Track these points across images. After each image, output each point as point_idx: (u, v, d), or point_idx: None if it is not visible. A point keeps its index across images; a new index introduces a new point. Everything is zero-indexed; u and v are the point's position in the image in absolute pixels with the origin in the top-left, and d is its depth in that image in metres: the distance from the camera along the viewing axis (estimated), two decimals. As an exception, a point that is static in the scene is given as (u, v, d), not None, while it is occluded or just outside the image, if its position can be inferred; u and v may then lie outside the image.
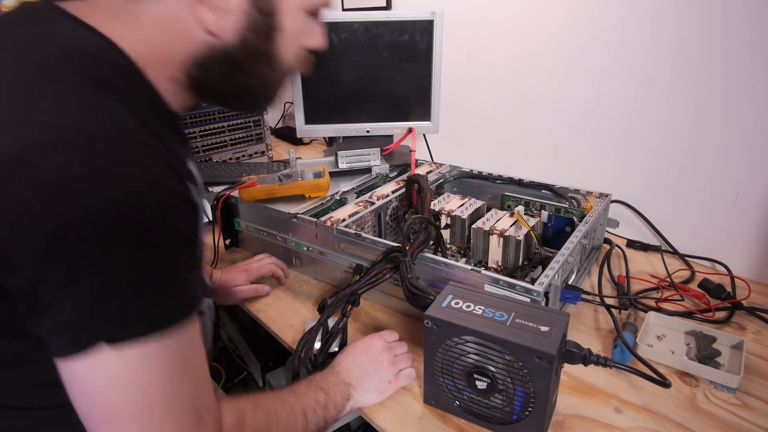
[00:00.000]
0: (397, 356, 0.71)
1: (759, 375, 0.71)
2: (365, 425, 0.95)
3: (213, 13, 0.47)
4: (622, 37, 1.04)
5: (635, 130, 1.07)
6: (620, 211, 1.11)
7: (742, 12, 0.87)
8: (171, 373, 0.43)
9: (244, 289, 0.91)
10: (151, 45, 0.47)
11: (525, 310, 0.61)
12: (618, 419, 0.64)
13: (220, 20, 0.47)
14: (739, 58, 0.90)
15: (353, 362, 0.68)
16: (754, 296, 0.87)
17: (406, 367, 0.71)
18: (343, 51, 1.16)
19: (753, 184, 0.93)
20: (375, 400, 0.68)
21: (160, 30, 0.47)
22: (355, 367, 0.68)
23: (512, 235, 0.87)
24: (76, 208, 0.37)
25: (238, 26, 0.48)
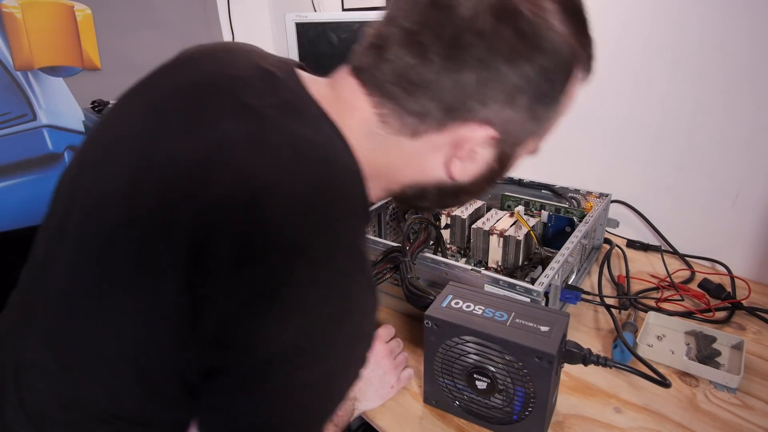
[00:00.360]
0: (396, 359, 0.71)
1: (759, 375, 0.71)
2: (365, 425, 0.95)
3: (462, 163, 0.49)
4: (621, 37, 1.04)
5: (635, 130, 1.07)
6: (620, 211, 1.11)
7: (740, 12, 0.87)
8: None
9: None
10: (385, 164, 0.49)
11: (525, 310, 0.61)
12: (618, 419, 0.64)
13: (465, 168, 0.49)
14: (738, 58, 0.90)
15: None
16: (754, 296, 0.87)
17: (405, 367, 0.71)
18: (343, 51, 1.16)
19: (753, 184, 0.93)
20: (377, 404, 0.67)
21: (403, 159, 0.49)
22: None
23: (512, 235, 0.87)
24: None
25: (476, 174, 0.50)
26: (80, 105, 1.38)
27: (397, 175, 0.50)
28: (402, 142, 0.47)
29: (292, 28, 1.16)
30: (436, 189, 0.52)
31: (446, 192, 0.52)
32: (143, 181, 0.43)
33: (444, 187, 0.51)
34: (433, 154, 0.48)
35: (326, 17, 1.14)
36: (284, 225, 0.39)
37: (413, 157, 0.48)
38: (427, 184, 0.51)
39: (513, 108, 0.46)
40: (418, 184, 0.51)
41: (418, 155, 0.48)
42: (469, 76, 0.43)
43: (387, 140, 0.47)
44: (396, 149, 0.48)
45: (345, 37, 1.14)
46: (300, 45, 1.15)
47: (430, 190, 0.52)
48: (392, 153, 0.48)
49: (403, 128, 0.46)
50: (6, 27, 1.23)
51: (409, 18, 0.44)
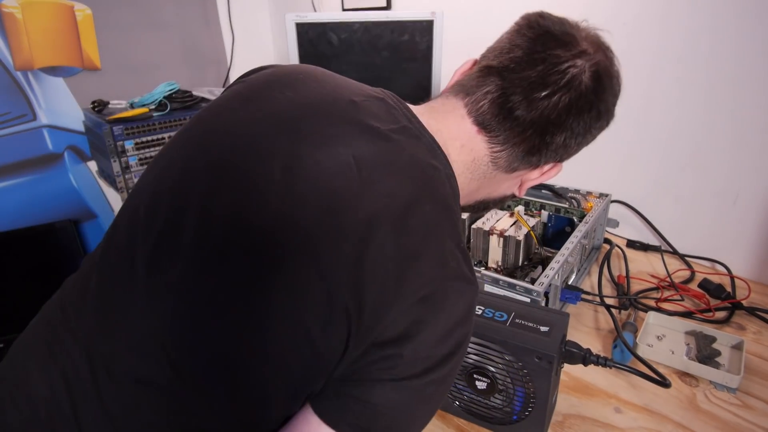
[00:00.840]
0: None
1: (759, 375, 0.71)
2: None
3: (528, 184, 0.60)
4: (621, 37, 1.03)
5: (635, 129, 1.07)
6: (620, 211, 1.11)
7: (743, 13, 0.87)
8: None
9: None
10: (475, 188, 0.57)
11: (525, 310, 0.61)
12: (618, 419, 0.64)
13: (526, 187, 0.60)
14: (739, 59, 0.90)
15: None
16: (754, 296, 0.87)
17: None
18: (343, 51, 1.16)
19: (753, 185, 0.93)
20: None
21: (491, 186, 0.58)
22: None
23: (512, 235, 0.87)
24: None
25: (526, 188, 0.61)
26: (80, 105, 1.38)
27: (477, 196, 0.59)
28: (499, 176, 0.56)
29: (292, 28, 1.16)
30: (497, 201, 0.62)
31: (501, 202, 0.63)
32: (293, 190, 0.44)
33: (504, 199, 0.62)
34: (515, 180, 0.58)
35: (326, 17, 1.14)
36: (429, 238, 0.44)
37: (500, 184, 0.58)
38: (493, 199, 0.61)
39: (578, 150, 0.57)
40: (487, 200, 0.61)
41: (503, 181, 0.57)
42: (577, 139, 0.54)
43: (488, 174, 0.55)
44: (491, 179, 0.56)
45: (345, 37, 1.14)
46: (300, 45, 1.15)
47: (491, 203, 0.62)
48: (486, 182, 0.56)
49: (508, 166, 0.55)
50: (6, 27, 1.23)
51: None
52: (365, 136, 0.47)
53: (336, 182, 0.44)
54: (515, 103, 0.51)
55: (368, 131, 0.48)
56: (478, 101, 0.53)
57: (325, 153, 0.45)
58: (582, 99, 0.51)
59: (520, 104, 0.51)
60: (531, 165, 0.55)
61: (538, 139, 0.52)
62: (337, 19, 1.14)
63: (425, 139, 0.51)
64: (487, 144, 0.54)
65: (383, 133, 0.48)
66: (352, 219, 0.42)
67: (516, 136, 0.52)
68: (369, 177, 0.45)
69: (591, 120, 0.53)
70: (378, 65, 1.17)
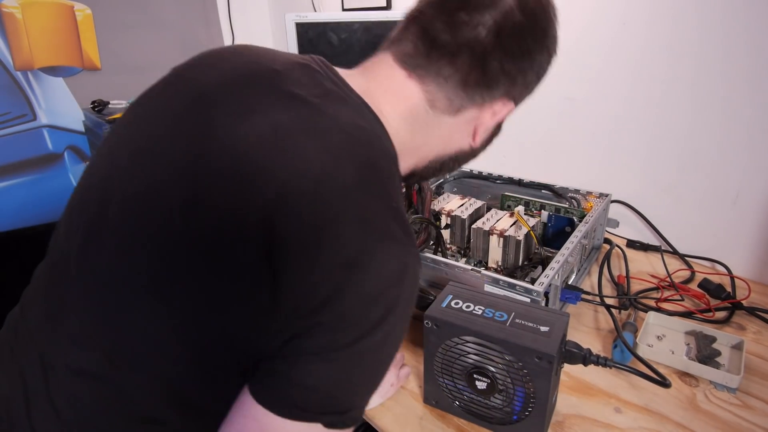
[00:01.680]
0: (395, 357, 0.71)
1: (759, 375, 0.71)
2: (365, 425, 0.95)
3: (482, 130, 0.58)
4: (621, 37, 1.04)
5: (635, 129, 1.07)
6: (620, 211, 1.11)
7: (741, 11, 0.87)
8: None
9: None
10: (422, 143, 0.55)
11: (525, 310, 0.61)
12: (618, 419, 0.64)
13: (482, 136, 0.58)
14: (738, 58, 0.90)
15: None
16: (754, 296, 0.87)
17: (403, 365, 0.71)
18: (343, 51, 1.16)
19: (753, 184, 0.93)
20: (377, 403, 0.68)
21: (439, 136, 0.56)
22: None
23: (512, 235, 0.87)
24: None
25: (485, 139, 0.60)
26: (80, 105, 1.38)
27: (427, 152, 0.57)
28: (443, 120, 0.53)
29: (292, 28, 1.16)
30: (454, 158, 0.60)
31: (459, 159, 0.60)
32: (204, 166, 0.43)
33: (460, 155, 0.60)
34: (465, 128, 0.56)
35: (326, 17, 1.14)
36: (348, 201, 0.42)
37: (448, 133, 0.55)
38: (449, 155, 0.58)
39: (526, 85, 0.55)
40: (442, 157, 0.58)
41: (453, 130, 0.55)
42: (518, 65, 0.52)
43: (429, 121, 0.53)
44: (435, 128, 0.54)
45: (345, 37, 1.14)
46: (300, 45, 1.15)
47: (448, 161, 0.59)
48: (431, 131, 0.54)
49: (450, 107, 0.52)
50: (6, 27, 1.23)
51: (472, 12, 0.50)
52: (284, 104, 0.46)
53: (251, 152, 0.43)
54: (438, 30, 0.49)
55: (288, 98, 0.47)
56: (402, 44, 0.52)
57: (242, 124, 0.45)
58: (510, 16, 0.49)
59: (442, 30, 0.49)
60: (476, 103, 0.53)
61: (472, 67, 0.50)
62: (337, 19, 1.14)
63: (351, 100, 0.49)
64: (420, 86, 0.51)
65: (304, 98, 0.47)
66: (266, 188, 0.41)
67: (446, 65, 0.50)
68: (285, 144, 0.43)
69: (528, 42, 0.51)
70: (378, 65, 1.17)
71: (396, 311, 0.43)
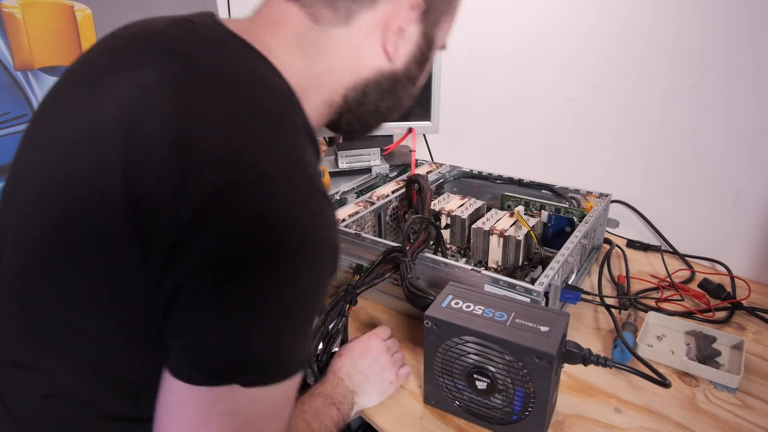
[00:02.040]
0: (394, 355, 0.71)
1: (759, 375, 0.71)
2: (365, 425, 0.95)
3: (395, 42, 0.51)
4: (622, 37, 1.04)
5: (635, 129, 1.07)
6: (620, 211, 1.11)
7: (742, 12, 0.87)
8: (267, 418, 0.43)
9: None
10: (324, 69, 0.50)
11: (525, 310, 0.61)
12: (618, 419, 0.64)
13: (398, 48, 0.52)
14: (739, 58, 0.90)
15: (354, 367, 0.68)
16: (754, 296, 0.87)
17: (403, 364, 0.71)
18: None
19: (753, 184, 0.93)
20: (376, 401, 0.67)
21: (339, 55, 0.50)
22: (356, 372, 0.67)
23: (512, 235, 0.87)
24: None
25: (408, 54, 0.54)
26: (80, 105, 1.38)
27: (337, 79, 0.51)
28: (336, 35, 0.49)
29: (292, 28, 1.16)
30: (376, 85, 0.53)
31: (385, 86, 0.54)
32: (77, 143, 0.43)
33: (382, 80, 0.53)
34: (369, 39, 0.50)
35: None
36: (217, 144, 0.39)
37: (350, 50, 0.50)
38: (367, 80, 0.52)
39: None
40: (359, 84, 0.52)
41: (354, 45, 0.50)
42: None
43: (320, 39, 0.49)
44: (332, 48, 0.49)
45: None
46: (300, 45, 1.15)
47: (371, 89, 0.53)
48: (328, 53, 0.49)
49: (336, 16, 0.48)
50: (6, 27, 1.23)
51: None
52: (156, 60, 0.45)
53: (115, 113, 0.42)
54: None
55: (161, 54, 0.45)
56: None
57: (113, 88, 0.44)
58: None
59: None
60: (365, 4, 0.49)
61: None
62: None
63: (228, 42, 0.46)
64: (296, 3, 0.48)
65: (175, 51, 0.45)
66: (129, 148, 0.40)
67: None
68: (150, 99, 0.41)
69: None
70: (378, 65, 1.17)
71: (288, 258, 0.39)
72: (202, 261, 0.37)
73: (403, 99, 0.58)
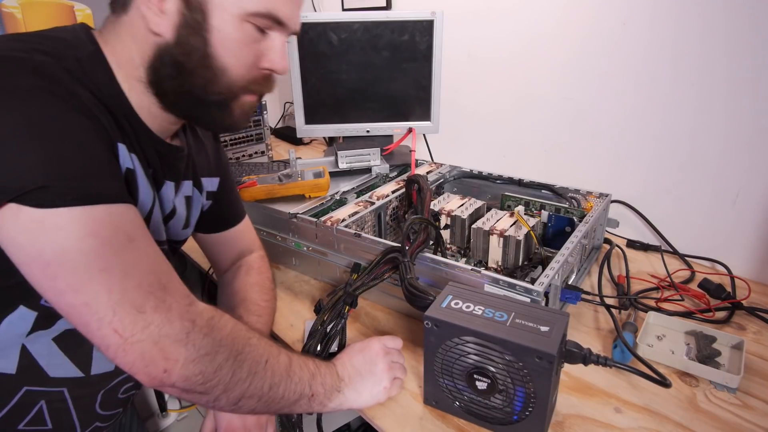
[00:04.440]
0: (394, 362, 0.70)
1: (759, 375, 0.71)
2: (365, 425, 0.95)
3: (155, 15, 0.55)
4: (622, 37, 1.04)
5: (635, 129, 1.07)
6: (620, 211, 1.11)
7: (742, 12, 0.87)
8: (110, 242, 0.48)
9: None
10: (121, 48, 0.58)
11: (525, 310, 0.61)
12: (618, 419, 0.64)
13: (161, 23, 0.55)
14: (739, 58, 0.90)
15: (348, 360, 0.68)
16: (754, 296, 0.87)
17: (400, 376, 0.70)
18: (343, 51, 1.16)
19: (753, 184, 0.93)
20: (366, 403, 0.66)
21: (129, 38, 0.57)
22: (350, 365, 0.67)
23: (512, 235, 0.87)
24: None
25: (174, 25, 0.56)
26: (80, 105, 1.38)
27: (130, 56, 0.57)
28: (123, 21, 0.57)
29: (292, 28, 1.16)
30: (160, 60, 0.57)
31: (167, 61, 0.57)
32: None
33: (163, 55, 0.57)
34: (140, 21, 0.56)
35: (326, 17, 1.14)
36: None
37: (134, 31, 0.57)
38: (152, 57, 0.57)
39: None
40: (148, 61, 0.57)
41: (136, 27, 0.57)
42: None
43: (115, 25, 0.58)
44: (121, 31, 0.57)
45: (345, 37, 1.14)
46: (300, 45, 1.15)
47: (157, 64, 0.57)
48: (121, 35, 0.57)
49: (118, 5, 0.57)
50: (6, 27, 1.23)
51: None
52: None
53: None
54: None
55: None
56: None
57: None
58: None
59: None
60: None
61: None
62: (337, 19, 1.14)
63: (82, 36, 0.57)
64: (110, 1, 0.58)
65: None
66: None
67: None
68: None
69: None
70: (378, 65, 1.17)
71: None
72: None
73: (202, 75, 0.58)
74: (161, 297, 0.49)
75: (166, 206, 0.68)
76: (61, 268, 0.46)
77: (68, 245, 0.46)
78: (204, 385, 0.51)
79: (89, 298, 0.46)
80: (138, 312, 0.47)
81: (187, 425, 1.50)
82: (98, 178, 0.49)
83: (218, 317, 0.55)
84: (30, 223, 0.45)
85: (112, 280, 0.47)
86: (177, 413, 1.49)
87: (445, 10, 1.13)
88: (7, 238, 0.46)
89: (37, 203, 0.45)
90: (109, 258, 0.47)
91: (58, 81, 0.50)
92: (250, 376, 0.55)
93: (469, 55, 1.35)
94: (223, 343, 0.53)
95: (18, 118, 0.45)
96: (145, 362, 0.48)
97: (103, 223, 0.48)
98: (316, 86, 1.19)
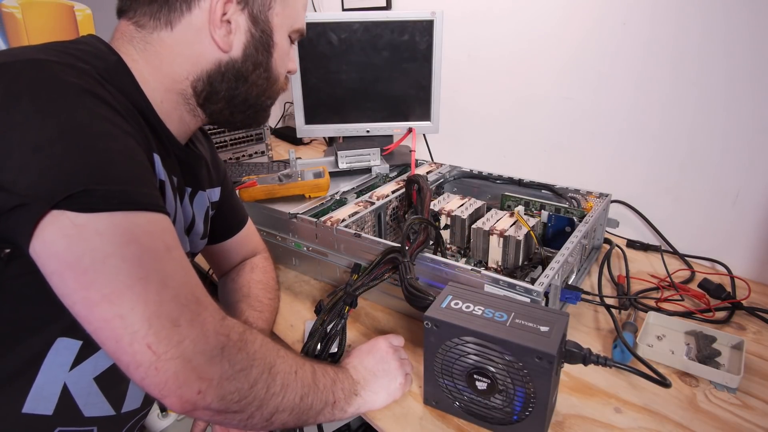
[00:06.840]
0: (403, 359, 0.70)
1: (759, 375, 0.71)
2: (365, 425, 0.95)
3: (224, 33, 0.59)
4: (622, 37, 1.04)
5: (635, 129, 1.07)
6: (620, 211, 1.11)
7: (742, 11, 0.87)
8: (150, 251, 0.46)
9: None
10: (156, 63, 0.59)
11: (525, 310, 0.61)
12: (618, 419, 0.64)
13: (230, 39, 0.60)
14: (739, 58, 0.90)
15: (360, 363, 0.68)
16: (754, 296, 0.87)
17: (410, 372, 0.71)
18: (343, 51, 1.16)
19: (753, 184, 0.93)
20: (384, 402, 0.67)
21: (171, 53, 0.59)
22: (362, 367, 0.67)
23: (512, 235, 0.87)
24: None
25: (244, 44, 0.61)
26: (80, 105, 1.37)
27: (174, 71, 0.59)
28: (162, 36, 0.58)
29: (291, 28, 1.16)
30: (219, 75, 0.61)
31: (229, 76, 0.61)
32: None
33: (224, 70, 0.61)
34: (198, 36, 0.58)
35: (326, 17, 1.14)
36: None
37: (180, 47, 0.58)
38: (209, 71, 0.60)
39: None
40: (202, 75, 0.60)
41: (187, 42, 0.58)
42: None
43: (147, 39, 0.58)
44: (160, 45, 0.58)
45: (345, 37, 1.14)
46: (300, 45, 1.15)
47: (215, 78, 0.61)
48: (159, 49, 0.58)
49: (157, 23, 0.58)
50: (6, 27, 1.23)
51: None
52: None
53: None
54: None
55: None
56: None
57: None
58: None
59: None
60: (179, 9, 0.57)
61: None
62: (337, 19, 1.14)
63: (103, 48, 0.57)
64: (125, 19, 0.60)
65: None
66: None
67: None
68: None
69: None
70: (378, 65, 1.17)
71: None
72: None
73: (260, 84, 0.64)
74: (196, 310, 0.47)
75: (187, 217, 0.68)
76: (99, 276, 0.43)
77: (110, 251, 0.43)
78: (239, 403, 0.49)
79: (125, 309, 0.43)
80: (173, 326, 0.45)
81: (187, 425, 1.50)
82: (141, 184, 0.48)
83: (249, 331, 0.53)
84: (70, 228, 0.43)
85: (150, 290, 0.44)
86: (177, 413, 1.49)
87: (445, 10, 1.13)
88: (41, 248, 0.43)
89: (79, 207, 0.43)
90: (149, 266, 0.45)
91: (101, 84, 0.50)
92: (283, 389, 0.53)
93: (469, 55, 1.35)
94: (256, 357, 0.51)
95: (63, 121, 0.45)
96: (179, 383, 0.44)
97: (145, 230, 0.46)
98: (316, 86, 1.19)
